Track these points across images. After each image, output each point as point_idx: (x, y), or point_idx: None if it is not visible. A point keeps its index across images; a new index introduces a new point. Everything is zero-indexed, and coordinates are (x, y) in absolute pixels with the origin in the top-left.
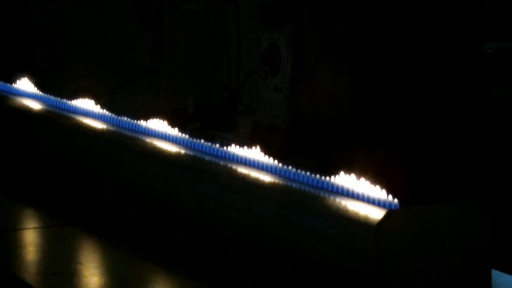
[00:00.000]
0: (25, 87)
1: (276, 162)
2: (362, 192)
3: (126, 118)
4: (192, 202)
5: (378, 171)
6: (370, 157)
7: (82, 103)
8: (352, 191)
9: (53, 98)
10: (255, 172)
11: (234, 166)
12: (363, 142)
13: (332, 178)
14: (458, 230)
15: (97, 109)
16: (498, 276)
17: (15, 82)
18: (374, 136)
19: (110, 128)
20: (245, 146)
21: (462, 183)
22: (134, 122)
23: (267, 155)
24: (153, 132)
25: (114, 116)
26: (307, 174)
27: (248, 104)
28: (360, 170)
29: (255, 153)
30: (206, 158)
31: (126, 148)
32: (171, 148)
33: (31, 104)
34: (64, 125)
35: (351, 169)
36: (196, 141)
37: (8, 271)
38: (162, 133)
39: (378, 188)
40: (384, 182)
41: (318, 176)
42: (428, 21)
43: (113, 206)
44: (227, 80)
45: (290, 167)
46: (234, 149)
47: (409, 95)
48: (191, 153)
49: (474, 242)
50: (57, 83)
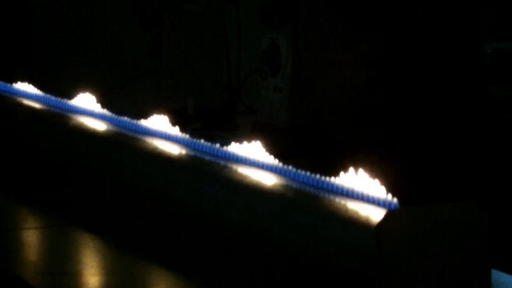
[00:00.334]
0: (25, 87)
1: (276, 162)
2: (362, 192)
3: (126, 118)
4: (192, 202)
5: (378, 171)
6: (370, 157)
7: (82, 103)
8: (352, 191)
9: (53, 98)
10: (255, 172)
11: (234, 166)
12: (363, 142)
13: (332, 178)
14: (458, 230)
15: (97, 109)
16: (498, 276)
17: (15, 82)
18: (374, 136)
19: (110, 128)
20: (245, 146)
21: (462, 183)
22: (134, 122)
23: (267, 155)
24: (153, 132)
25: (114, 116)
26: (307, 174)
27: (248, 104)
28: (360, 170)
29: (255, 153)
30: (206, 158)
31: (126, 148)
32: (171, 148)
33: (31, 104)
34: (64, 125)
35: (351, 169)
36: (196, 141)
37: (8, 271)
38: (162, 133)
39: (378, 188)
40: (384, 182)
41: (318, 176)
42: (427, 21)
43: (113, 206)
44: (227, 80)
45: (290, 167)
46: (234, 149)
47: (409, 95)
48: (191, 153)
49: (474, 242)
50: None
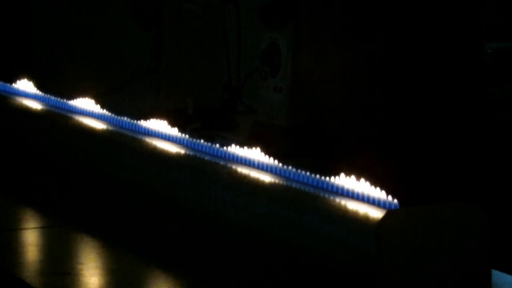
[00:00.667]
0: (25, 87)
1: (276, 162)
2: (362, 192)
3: (126, 118)
4: (192, 202)
5: (378, 171)
6: (370, 157)
7: (82, 103)
8: (352, 191)
9: (53, 98)
10: (255, 172)
11: (234, 166)
12: (363, 142)
13: (332, 178)
14: (458, 230)
15: (97, 109)
16: (498, 276)
17: (15, 82)
18: (374, 136)
19: (110, 128)
20: (245, 146)
21: (462, 183)
22: (134, 122)
23: (267, 155)
24: (153, 132)
25: (114, 116)
26: (307, 174)
27: (248, 104)
28: (360, 170)
29: (255, 153)
30: (206, 158)
31: (126, 148)
32: (171, 148)
33: (31, 104)
34: (64, 125)
35: (351, 169)
36: (196, 141)
37: (8, 271)
38: (162, 133)
39: (378, 188)
40: (384, 182)
41: (318, 176)
42: (428, 21)
43: (113, 206)
44: (227, 80)
45: (290, 167)
46: (234, 149)
47: (409, 95)
48: (191, 153)
49: (474, 242)
50: (57, 83)
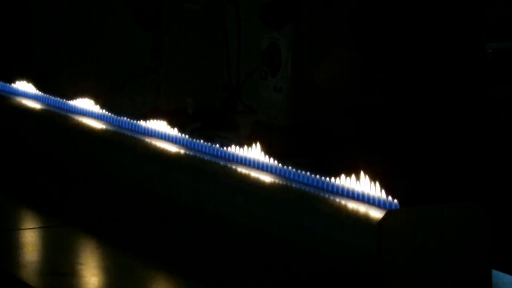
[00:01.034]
0: (25, 87)
1: (276, 162)
2: (362, 192)
3: (126, 118)
4: (192, 202)
5: (378, 171)
6: (370, 157)
7: (82, 103)
8: (352, 191)
9: (53, 98)
10: (255, 172)
11: (234, 166)
12: (363, 142)
13: (332, 178)
14: (458, 230)
15: (97, 109)
16: (498, 276)
17: (15, 82)
18: (374, 136)
19: (110, 128)
20: (245, 146)
21: (462, 183)
22: (134, 122)
23: (267, 155)
24: (153, 132)
25: (114, 116)
26: (307, 174)
27: (248, 104)
28: (360, 170)
29: (255, 153)
30: (206, 158)
31: (126, 148)
32: (171, 148)
33: (31, 104)
34: (64, 125)
35: (351, 169)
36: (196, 141)
37: (8, 271)
38: (162, 133)
39: (378, 188)
40: (384, 182)
41: (318, 176)
42: (429, 20)
43: (113, 206)
44: (227, 80)
45: (290, 167)
46: (234, 149)
47: (409, 95)
48: (191, 153)
49: (474, 242)
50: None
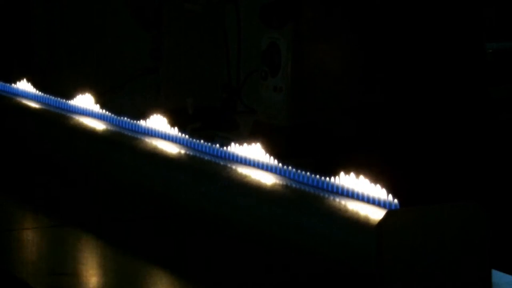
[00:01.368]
0: (25, 87)
1: (276, 162)
2: (362, 192)
3: (126, 118)
4: (192, 202)
5: (378, 171)
6: (370, 157)
7: (82, 103)
8: (352, 191)
9: (53, 98)
10: (255, 172)
11: (234, 166)
12: (363, 142)
13: (332, 178)
14: (458, 230)
15: (97, 109)
16: (498, 276)
17: (15, 82)
18: (374, 136)
19: (110, 128)
20: (245, 146)
21: (462, 183)
22: (134, 122)
23: (267, 155)
24: (153, 132)
25: (114, 116)
26: (307, 174)
27: (248, 104)
28: (360, 170)
29: (255, 153)
30: (206, 158)
31: (126, 148)
32: (171, 148)
33: (31, 104)
34: (64, 125)
35: (351, 169)
36: (196, 141)
37: (8, 271)
38: (162, 133)
39: (378, 188)
40: (384, 182)
41: (318, 176)
42: (429, 20)
43: (113, 206)
44: (227, 80)
45: (290, 167)
46: (234, 149)
47: (409, 95)
48: (191, 153)
49: (474, 242)
50: (57, 83)
